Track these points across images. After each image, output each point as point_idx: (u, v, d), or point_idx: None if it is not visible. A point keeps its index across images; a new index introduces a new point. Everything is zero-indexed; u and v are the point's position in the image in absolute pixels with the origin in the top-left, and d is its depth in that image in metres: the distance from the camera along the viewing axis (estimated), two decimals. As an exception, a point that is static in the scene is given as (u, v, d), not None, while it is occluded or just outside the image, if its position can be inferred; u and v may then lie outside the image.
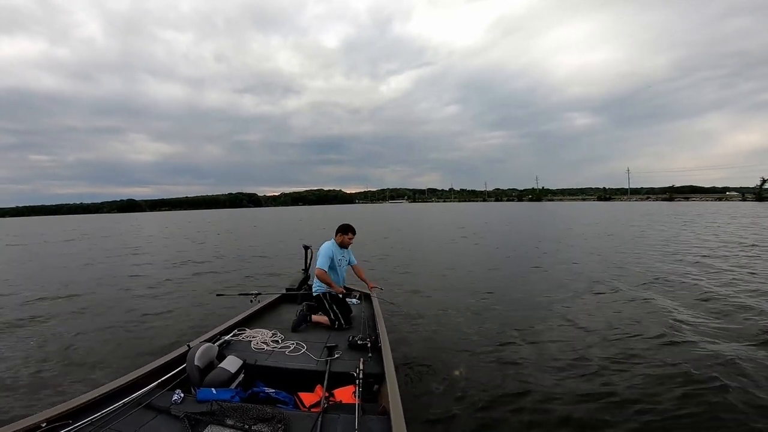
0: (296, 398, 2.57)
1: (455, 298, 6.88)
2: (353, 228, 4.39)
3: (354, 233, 4.40)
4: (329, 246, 4.24)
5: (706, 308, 5.73)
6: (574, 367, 3.91)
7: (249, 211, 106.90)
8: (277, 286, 7.31)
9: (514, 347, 4.50)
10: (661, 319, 5.28)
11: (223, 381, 2.51)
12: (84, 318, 6.24)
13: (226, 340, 3.37)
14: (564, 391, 3.45)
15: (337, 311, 3.96)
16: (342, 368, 2.88)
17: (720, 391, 3.31)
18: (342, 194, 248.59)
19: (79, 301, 7.42)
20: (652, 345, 4.41)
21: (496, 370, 3.92)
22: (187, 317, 6.09)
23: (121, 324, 5.78)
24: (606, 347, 4.39)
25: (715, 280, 7.56)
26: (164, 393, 2.34)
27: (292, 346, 3.33)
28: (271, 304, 4.77)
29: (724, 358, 3.93)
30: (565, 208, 61.60)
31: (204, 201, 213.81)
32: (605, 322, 5.27)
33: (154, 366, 2.61)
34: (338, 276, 4.31)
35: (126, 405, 2.15)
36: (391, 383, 2.44)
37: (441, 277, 8.95)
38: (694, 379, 3.55)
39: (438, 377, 3.77)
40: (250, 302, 4.35)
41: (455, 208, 77.23)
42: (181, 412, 2.08)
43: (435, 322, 5.55)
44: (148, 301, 7.29)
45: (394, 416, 2.04)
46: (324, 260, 4.09)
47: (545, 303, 6.40)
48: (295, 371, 2.94)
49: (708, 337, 4.57)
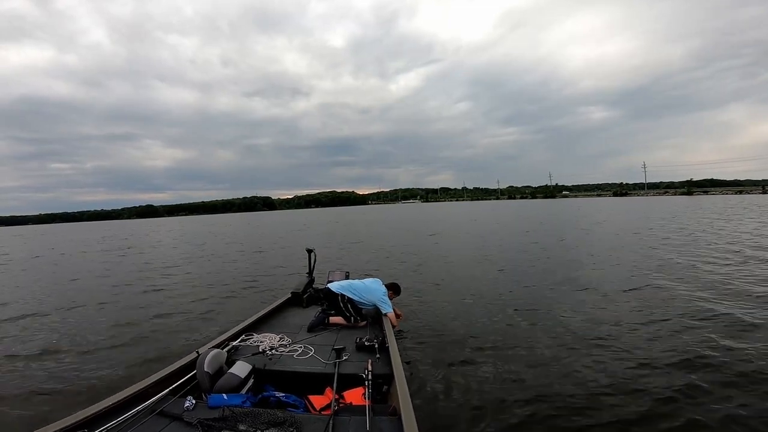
0: (306, 401, 2.59)
1: (462, 296, 6.82)
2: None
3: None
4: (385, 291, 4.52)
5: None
6: (589, 369, 3.82)
7: (266, 215, 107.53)
8: (282, 289, 7.39)
9: (527, 347, 4.42)
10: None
11: (234, 386, 2.53)
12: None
13: (234, 345, 3.40)
14: (576, 392, 3.38)
15: (351, 309, 4.23)
16: (351, 370, 2.89)
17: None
18: (355, 195, 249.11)
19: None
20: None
21: (509, 369, 3.86)
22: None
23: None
24: (625, 351, 4.27)
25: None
26: (176, 400, 2.37)
27: (300, 350, 3.35)
28: (277, 308, 4.81)
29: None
30: (572, 204, 60.16)
31: (220, 205, 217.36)
32: (622, 324, 5.15)
33: (164, 373, 2.64)
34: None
35: (139, 413, 2.18)
36: (400, 384, 2.43)
37: (445, 274, 8.91)
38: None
39: (447, 376, 3.74)
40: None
41: (466, 207, 76.46)
42: (194, 418, 2.10)
43: (442, 320, 5.52)
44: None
45: (405, 417, 2.04)
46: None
47: (557, 300, 6.31)
48: (304, 374, 2.96)
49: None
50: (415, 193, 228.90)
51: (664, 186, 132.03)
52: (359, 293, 4.35)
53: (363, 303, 4.32)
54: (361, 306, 4.31)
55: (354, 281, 4.60)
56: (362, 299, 4.33)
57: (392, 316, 4.28)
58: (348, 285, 4.45)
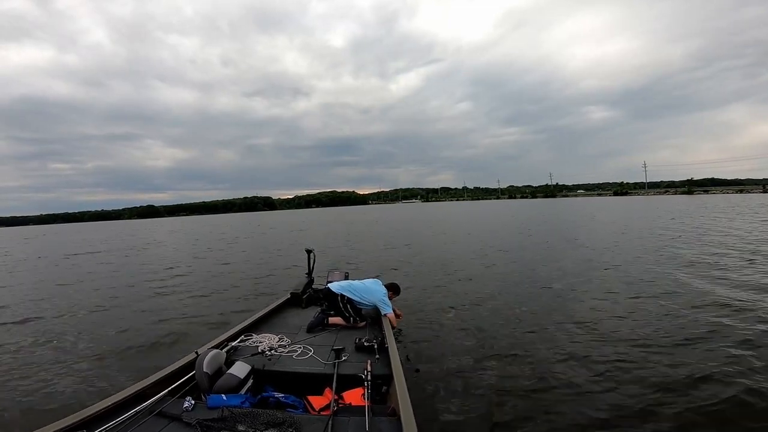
0: (306, 402, 2.58)
1: (462, 296, 6.82)
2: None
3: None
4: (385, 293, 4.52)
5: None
6: (588, 364, 3.82)
7: (267, 215, 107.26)
8: (281, 289, 7.39)
9: (527, 347, 4.42)
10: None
11: (233, 387, 2.53)
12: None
13: (234, 346, 3.40)
14: (577, 392, 3.38)
15: (351, 310, 4.23)
16: (350, 370, 2.89)
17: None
18: (355, 195, 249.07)
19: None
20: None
21: (509, 369, 3.87)
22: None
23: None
24: (630, 353, 4.26)
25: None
26: (175, 400, 2.37)
27: (299, 350, 3.35)
28: (276, 309, 4.81)
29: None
30: (569, 204, 60.03)
31: (220, 205, 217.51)
32: (625, 327, 5.14)
33: (163, 374, 2.64)
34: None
35: (138, 413, 2.18)
36: (399, 384, 2.43)
37: (443, 276, 8.91)
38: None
39: (447, 377, 3.74)
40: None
41: (466, 207, 76.41)
42: (193, 419, 2.10)
43: (442, 321, 5.52)
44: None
45: (404, 417, 2.04)
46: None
47: (555, 296, 6.32)
48: (303, 375, 2.96)
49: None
50: (415, 193, 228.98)
51: (665, 185, 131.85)
52: (359, 294, 4.35)
53: (362, 303, 4.32)
54: (361, 306, 4.31)
55: (354, 282, 4.61)
56: (362, 300, 4.33)
57: (392, 316, 4.28)
58: (348, 285, 4.45)
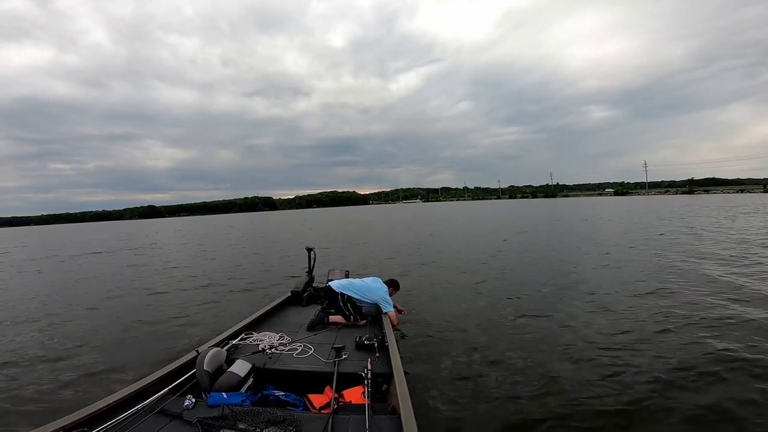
0: (306, 400, 2.59)
1: (463, 296, 6.81)
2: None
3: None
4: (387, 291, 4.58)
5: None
6: (591, 365, 3.81)
7: (267, 215, 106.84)
8: (281, 288, 7.39)
9: (527, 347, 4.40)
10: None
11: (233, 385, 2.54)
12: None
13: (234, 344, 3.41)
14: (577, 393, 3.36)
15: (351, 308, 4.24)
16: (350, 369, 2.90)
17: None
18: (356, 195, 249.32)
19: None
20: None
21: (510, 368, 3.85)
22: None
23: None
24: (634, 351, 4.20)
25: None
26: (175, 399, 2.37)
27: (299, 348, 3.36)
28: (276, 307, 4.82)
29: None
30: (569, 204, 59.86)
31: (221, 206, 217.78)
32: (630, 324, 5.13)
33: (164, 372, 2.65)
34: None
35: (139, 411, 2.19)
36: (399, 382, 2.43)
37: (445, 274, 8.90)
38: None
39: (447, 375, 3.73)
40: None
41: (466, 207, 76.33)
42: (193, 417, 2.11)
43: (442, 319, 5.50)
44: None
45: (405, 415, 2.04)
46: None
47: (558, 296, 6.30)
48: (303, 373, 2.96)
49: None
50: (416, 193, 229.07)
51: (666, 185, 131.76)
52: (360, 292, 4.35)
53: (363, 301, 4.33)
54: (361, 305, 4.32)
55: (354, 280, 4.61)
56: (363, 298, 4.33)
57: (393, 314, 4.29)
58: (348, 284, 4.46)
